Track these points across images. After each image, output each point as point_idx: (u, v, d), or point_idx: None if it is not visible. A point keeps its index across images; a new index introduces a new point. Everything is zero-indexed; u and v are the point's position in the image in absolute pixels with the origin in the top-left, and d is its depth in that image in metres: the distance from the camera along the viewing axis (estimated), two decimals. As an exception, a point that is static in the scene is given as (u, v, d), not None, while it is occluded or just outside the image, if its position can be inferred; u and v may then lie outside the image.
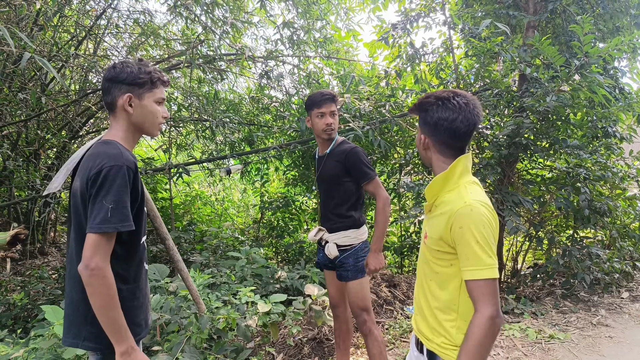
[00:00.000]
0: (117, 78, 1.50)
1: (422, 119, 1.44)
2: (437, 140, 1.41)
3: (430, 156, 1.45)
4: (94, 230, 1.34)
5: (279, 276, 4.19)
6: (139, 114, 1.54)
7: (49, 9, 4.84)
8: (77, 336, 1.48)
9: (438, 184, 1.41)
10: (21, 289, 4.68)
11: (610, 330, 3.92)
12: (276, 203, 6.24)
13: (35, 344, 2.42)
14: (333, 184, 2.55)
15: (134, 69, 1.52)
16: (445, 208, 1.36)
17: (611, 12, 5.45)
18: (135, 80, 1.51)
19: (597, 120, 4.60)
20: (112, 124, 1.56)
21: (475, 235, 1.27)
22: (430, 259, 1.44)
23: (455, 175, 1.39)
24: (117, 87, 1.50)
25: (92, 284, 1.34)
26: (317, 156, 2.70)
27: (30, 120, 5.04)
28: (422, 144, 1.46)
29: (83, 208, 1.43)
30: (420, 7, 5.34)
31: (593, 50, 3.85)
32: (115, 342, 1.38)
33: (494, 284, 1.26)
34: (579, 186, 4.44)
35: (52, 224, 7.01)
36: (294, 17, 5.37)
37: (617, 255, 5.04)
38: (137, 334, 1.54)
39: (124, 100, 1.50)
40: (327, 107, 2.47)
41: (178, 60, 5.11)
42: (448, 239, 1.34)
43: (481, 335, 1.21)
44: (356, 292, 2.55)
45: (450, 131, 1.37)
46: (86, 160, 1.45)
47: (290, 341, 3.25)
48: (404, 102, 5.47)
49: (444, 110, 1.36)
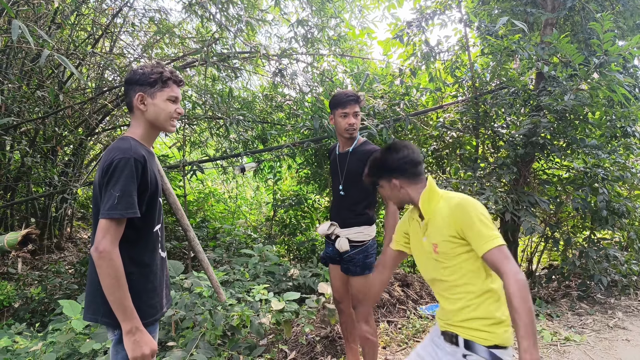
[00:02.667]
0: (131, 80, 1.66)
1: (385, 171, 1.71)
2: (405, 175, 1.69)
3: (407, 192, 1.70)
4: (103, 216, 1.47)
5: (291, 274, 4.20)
6: (152, 112, 1.66)
7: (67, 8, 4.91)
8: (96, 312, 1.59)
9: (426, 200, 1.66)
10: (38, 284, 4.76)
11: (627, 333, 3.85)
12: (289, 201, 6.26)
13: (53, 338, 2.46)
14: (354, 181, 2.61)
15: (145, 71, 1.65)
16: (445, 211, 1.59)
17: (632, 9, 5.33)
18: (146, 80, 1.64)
19: (616, 119, 4.51)
20: (132, 123, 1.70)
21: (477, 214, 1.50)
22: (447, 264, 1.59)
23: (434, 189, 1.67)
24: (132, 88, 1.65)
25: (101, 265, 1.46)
26: (337, 152, 2.74)
27: (48, 117, 5.11)
28: (396, 188, 1.70)
29: (100, 197, 1.55)
30: (435, 5, 5.29)
31: (613, 49, 3.77)
32: (121, 321, 1.48)
33: (505, 249, 1.46)
34: (597, 187, 4.36)
35: (69, 220, 7.12)
36: (308, 14, 5.36)
37: (634, 257, 4.94)
38: (152, 315, 1.64)
39: (136, 99, 1.63)
40: (350, 108, 2.56)
41: (193, 59, 5.14)
42: (458, 231, 1.54)
43: (519, 289, 1.36)
44: (361, 287, 2.61)
45: (411, 162, 1.68)
46: (103, 155, 1.62)
47: (302, 339, 3.26)
48: (419, 100, 5.43)
49: (397, 153, 1.69)
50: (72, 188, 4.63)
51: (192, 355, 2.36)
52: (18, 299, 4.31)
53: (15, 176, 5.63)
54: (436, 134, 5.08)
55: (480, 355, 1.50)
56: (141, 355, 1.49)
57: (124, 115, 6.68)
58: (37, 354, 2.35)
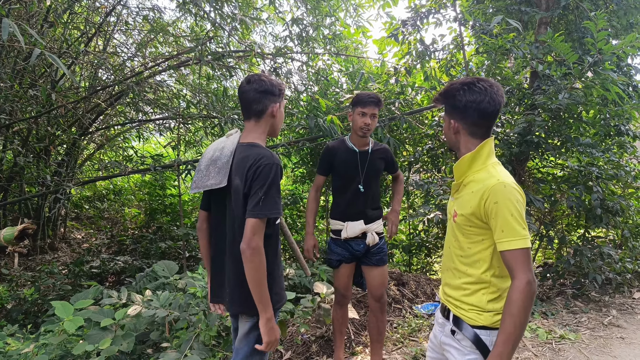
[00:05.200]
0: (267, 90, 1.80)
1: (449, 105, 1.54)
2: (466, 123, 1.51)
3: (459, 139, 1.55)
4: (253, 216, 1.64)
5: (287, 274, 4.18)
6: (279, 120, 1.89)
7: (59, 6, 4.86)
8: (242, 304, 1.77)
9: (466, 163, 1.52)
10: (31, 284, 4.72)
11: (621, 331, 3.86)
12: (284, 200, 6.23)
13: (45, 340, 2.43)
14: (375, 178, 2.80)
15: (275, 82, 1.84)
16: (477, 186, 1.46)
17: (625, 9, 5.35)
18: (280, 91, 1.85)
19: (610, 118, 4.53)
20: (253, 129, 1.83)
21: (510, 208, 1.37)
22: (459, 236, 1.54)
23: (482, 156, 1.50)
24: (267, 97, 1.81)
25: (254, 261, 1.62)
26: (356, 150, 2.76)
27: (40, 116, 5.07)
28: (452, 128, 1.55)
29: (243, 200, 1.70)
30: (430, 4, 5.29)
31: (607, 47, 3.78)
32: (263, 310, 1.66)
33: (529, 253, 1.36)
34: (591, 185, 4.38)
35: (62, 220, 7.07)
36: (303, 13, 5.35)
37: (629, 255, 4.97)
38: (283, 297, 1.88)
39: (274, 108, 1.82)
40: (369, 109, 2.64)
41: (187, 57, 5.10)
42: (481, 214, 1.44)
43: (523, 299, 1.32)
44: (384, 274, 2.83)
45: (479, 112, 1.47)
46: (242, 160, 1.73)
47: (298, 340, 3.25)
48: (414, 99, 5.43)
49: (471, 94, 1.47)
50: (65, 188, 4.58)
51: (186, 356, 2.34)
52: (11, 300, 4.27)
53: (8, 176, 5.57)
54: (431, 132, 5.08)
55: (465, 335, 1.50)
56: (275, 340, 1.71)
57: (118, 114, 6.64)
58: (29, 356, 2.33)
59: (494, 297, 1.48)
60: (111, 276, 5.40)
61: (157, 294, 2.87)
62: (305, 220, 2.96)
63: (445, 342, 1.59)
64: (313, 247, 2.84)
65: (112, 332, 2.60)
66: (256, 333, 1.76)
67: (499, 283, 1.48)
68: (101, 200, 8.50)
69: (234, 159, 1.78)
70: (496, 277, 1.48)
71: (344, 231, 2.75)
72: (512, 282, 1.36)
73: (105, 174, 5.31)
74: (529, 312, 1.35)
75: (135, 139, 7.12)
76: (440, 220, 4.32)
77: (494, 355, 1.35)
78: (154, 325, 2.77)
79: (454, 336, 1.54)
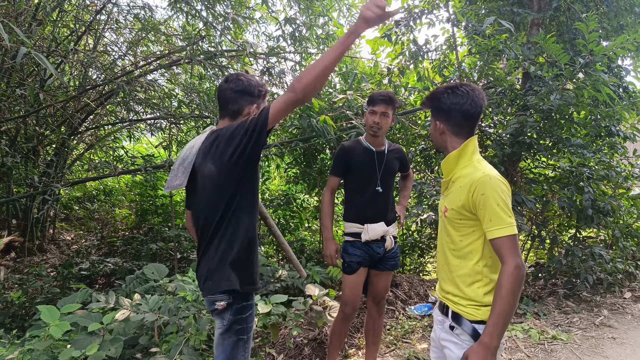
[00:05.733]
0: (245, 90, 1.83)
1: (435, 108, 1.63)
2: (450, 124, 1.60)
3: (445, 139, 1.64)
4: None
5: (279, 275, 4.15)
6: None
7: (48, 4, 4.79)
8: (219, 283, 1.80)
9: (453, 160, 1.61)
10: (19, 287, 4.64)
11: (613, 331, 3.88)
12: (277, 201, 6.20)
13: (31, 345, 2.38)
14: (392, 178, 2.76)
15: (253, 82, 1.85)
16: (464, 181, 1.54)
17: (616, 10, 5.39)
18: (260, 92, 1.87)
19: (601, 119, 4.55)
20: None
21: (496, 199, 1.46)
22: (451, 231, 1.61)
23: (468, 153, 1.60)
24: (244, 98, 1.82)
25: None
26: (373, 150, 2.68)
27: (28, 116, 4.98)
28: (437, 129, 1.64)
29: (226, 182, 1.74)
30: (423, 4, 5.28)
31: (598, 49, 3.79)
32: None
33: (516, 239, 1.45)
34: (583, 185, 4.40)
35: (52, 221, 6.97)
36: (296, 13, 5.32)
37: (619, 255, 5.00)
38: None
39: (251, 110, 1.83)
40: (379, 107, 2.58)
41: (178, 57, 5.05)
42: (470, 206, 1.51)
43: (511, 282, 1.40)
44: (390, 279, 2.85)
45: (462, 113, 1.57)
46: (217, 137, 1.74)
47: (290, 343, 3.22)
48: (407, 99, 5.42)
49: (454, 97, 1.57)
50: (53, 189, 4.51)
51: (176, 360, 2.30)
52: (-3, 303, 4.19)
53: (-5, 177, 5.48)
54: (424, 133, 5.07)
55: (464, 330, 1.53)
56: None
57: (108, 114, 6.56)
58: (14, 361, 2.27)
59: (489, 290, 1.53)
60: (101, 278, 5.32)
61: (147, 297, 2.82)
62: (323, 224, 2.78)
63: (443, 338, 1.62)
64: (335, 251, 2.67)
65: (100, 337, 2.54)
66: (237, 327, 1.79)
67: (491, 274, 1.54)
68: (91, 201, 8.40)
69: (202, 146, 1.78)
70: (488, 267, 1.54)
71: (365, 233, 2.62)
72: (502, 267, 1.44)
73: (95, 175, 5.24)
74: (518, 294, 1.42)
75: (126, 138, 7.04)
76: (433, 220, 4.31)
77: (485, 335, 1.42)
78: (143, 329, 2.72)
79: (452, 331, 1.58)
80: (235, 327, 1.80)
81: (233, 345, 1.81)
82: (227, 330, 1.80)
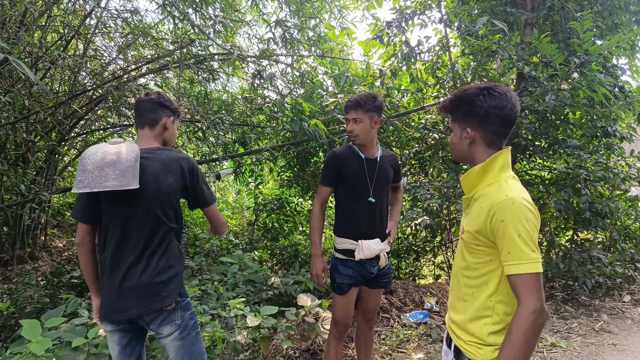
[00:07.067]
0: (163, 104, 1.97)
1: (466, 113, 1.40)
2: (486, 131, 1.37)
3: (474, 150, 1.41)
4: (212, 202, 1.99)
5: (272, 282, 4.07)
6: (172, 135, 2.03)
7: (35, 10, 4.70)
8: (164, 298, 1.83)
9: (476, 176, 1.39)
10: (8, 297, 4.55)
11: (613, 337, 3.81)
12: (270, 205, 6.13)
13: (11, 363, 2.29)
14: (386, 187, 2.54)
15: (171, 100, 2.00)
16: (486, 202, 1.33)
17: (610, 9, 5.33)
18: (176, 109, 2.02)
19: (597, 119, 4.48)
20: (148, 135, 1.94)
21: (517, 228, 1.23)
22: (466, 255, 1.42)
23: (495, 168, 1.37)
24: (163, 111, 1.96)
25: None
26: (363, 157, 2.45)
27: (17, 122, 4.90)
28: (467, 138, 1.40)
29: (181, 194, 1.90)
30: (415, 5, 5.21)
31: (593, 48, 3.73)
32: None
33: (539, 278, 1.23)
34: (580, 187, 4.32)
35: (43, 228, 6.87)
36: (287, 15, 5.24)
37: (618, 257, 4.93)
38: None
39: (168, 121, 1.97)
40: (350, 114, 2.41)
41: (168, 61, 4.97)
42: (487, 233, 1.31)
43: (525, 329, 1.19)
44: (381, 295, 2.77)
45: (501, 118, 1.35)
46: (170, 162, 1.86)
47: (280, 357, 3.13)
48: (400, 101, 5.35)
49: (492, 99, 1.34)
50: (41, 197, 4.42)
51: (160, 377, 2.22)
52: (-16, 314, 4.10)
53: (-16, 185, 5.38)
54: (418, 135, 5.00)
55: None
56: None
57: (99, 119, 6.47)
58: (-8, 381, 2.19)
59: (496, 330, 1.34)
60: (92, 287, 5.22)
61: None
62: (310, 239, 2.49)
63: None
64: (322, 270, 2.43)
65: (84, 352, 2.47)
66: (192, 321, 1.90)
67: (504, 314, 1.33)
68: (84, 207, 8.29)
69: (150, 161, 1.85)
70: (502, 304, 1.34)
71: (359, 252, 2.38)
72: (517, 309, 1.23)
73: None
74: (533, 344, 1.20)
75: (117, 144, 6.94)
76: (427, 224, 4.24)
77: None
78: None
79: None
80: (189, 322, 1.89)
81: (193, 340, 1.89)
82: (185, 328, 1.86)
